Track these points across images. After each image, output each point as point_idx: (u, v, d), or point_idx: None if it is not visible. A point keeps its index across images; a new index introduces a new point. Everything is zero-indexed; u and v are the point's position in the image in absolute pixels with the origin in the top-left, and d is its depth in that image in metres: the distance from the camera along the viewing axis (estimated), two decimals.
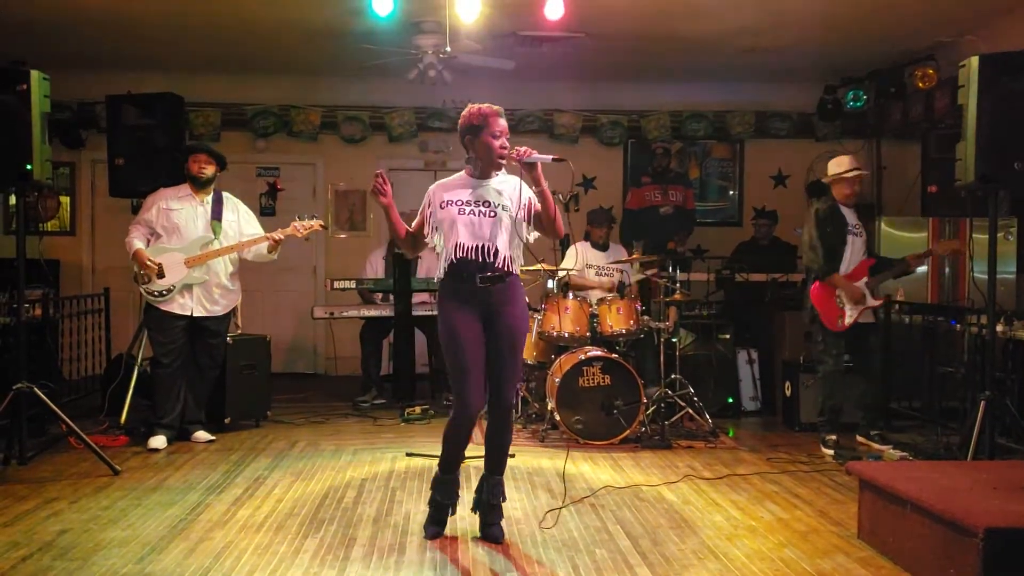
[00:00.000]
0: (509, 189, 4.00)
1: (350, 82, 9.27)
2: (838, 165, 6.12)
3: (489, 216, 3.93)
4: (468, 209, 3.94)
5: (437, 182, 4.14)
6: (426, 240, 4.09)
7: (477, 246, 3.92)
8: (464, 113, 4.02)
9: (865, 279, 6.00)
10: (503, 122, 3.96)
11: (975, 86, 4.70)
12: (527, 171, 3.86)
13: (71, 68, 8.27)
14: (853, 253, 6.03)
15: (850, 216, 6.06)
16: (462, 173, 4.12)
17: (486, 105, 3.98)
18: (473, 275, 3.94)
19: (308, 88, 9.36)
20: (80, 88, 8.69)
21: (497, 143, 3.94)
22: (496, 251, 3.93)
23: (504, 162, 3.97)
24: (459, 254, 3.92)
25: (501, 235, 3.93)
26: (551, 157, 3.85)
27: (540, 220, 3.97)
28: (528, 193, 3.98)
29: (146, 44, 8.05)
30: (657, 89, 9.55)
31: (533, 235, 4.05)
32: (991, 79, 4.68)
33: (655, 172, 8.84)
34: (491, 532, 4.10)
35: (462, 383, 3.95)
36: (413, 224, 4.15)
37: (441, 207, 4.00)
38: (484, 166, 4.02)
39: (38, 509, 4.53)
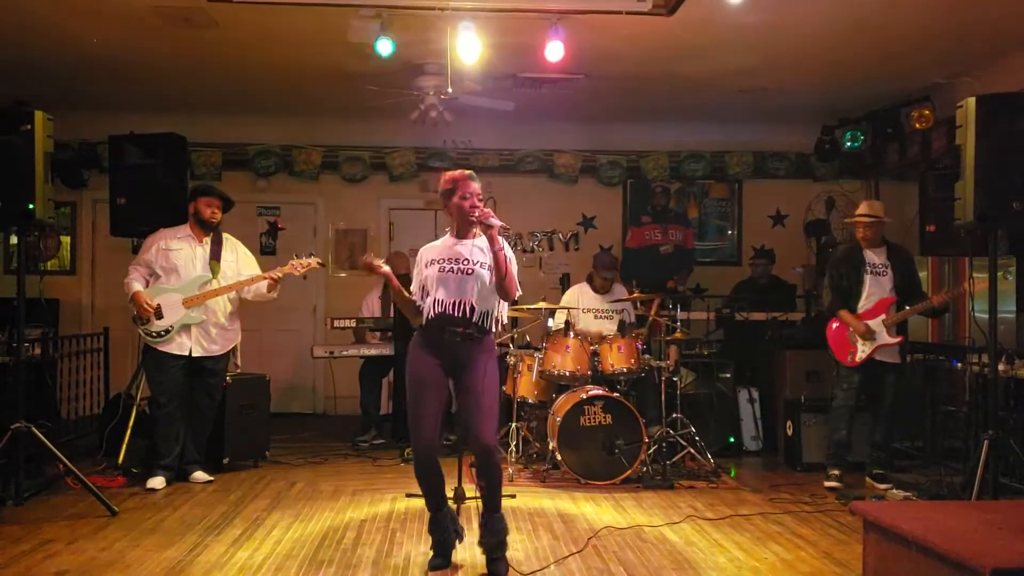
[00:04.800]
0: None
1: (351, 122, 9.35)
2: (857, 208, 6.46)
3: (466, 273, 4.16)
4: (448, 267, 4.19)
5: (425, 246, 4.40)
6: (418, 302, 4.29)
7: (453, 302, 4.14)
8: (442, 179, 4.32)
9: (883, 316, 6.04)
10: (473, 185, 4.25)
11: (973, 126, 4.75)
12: (484, 231, 4.11)
13: (74, 108, 8.32)
14: (871, 291, 6.12)
15: (876, 256, 6.21)
16: (447, 235, 4.38)
17: (458, 171, 4.32)
18: (445, 329, 4.15)
19: (309, 128, 9.43)
20: (82, 128, 8.76)
21: (467, 204, 4.22)
22: (471, 308, 4.14)
23: (474, 220, 4.18)
24: (437, 309, 4.15)
25: (477, 292, 4.15)
26: (503, 225, 4.06)
27: (496, 280, 4.16)
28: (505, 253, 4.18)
29: (148, 85, 8.12)
30: (656, 129, 9.62)
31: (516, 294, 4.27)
32: (988, 120, 4.73)
33: (655, 211, 8.85)
34: (494, 568, 4.17)
35: (414, 425, 4.19)
36: (412, 288, 4.35)
37: (426, 267, 4.26)
38: (459, 226, 4.31)
39: (34, 551, 4.48)
